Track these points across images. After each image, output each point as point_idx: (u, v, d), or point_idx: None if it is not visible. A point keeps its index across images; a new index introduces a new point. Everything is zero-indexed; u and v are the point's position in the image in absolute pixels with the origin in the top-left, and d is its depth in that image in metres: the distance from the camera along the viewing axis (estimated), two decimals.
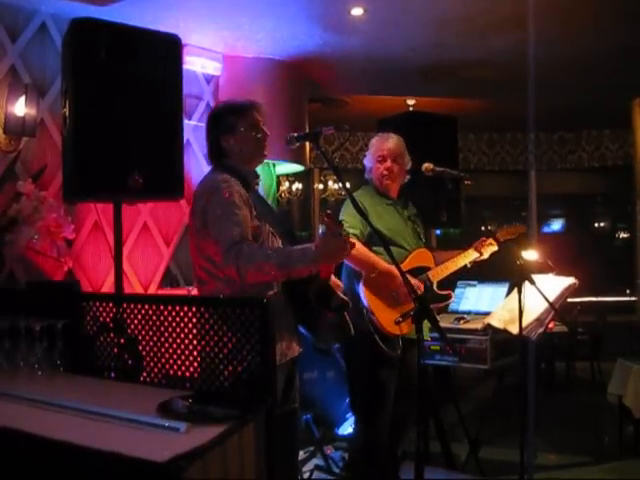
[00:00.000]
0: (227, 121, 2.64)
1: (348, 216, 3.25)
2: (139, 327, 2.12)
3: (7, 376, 2.13)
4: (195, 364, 1.99)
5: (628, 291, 8.39)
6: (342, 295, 2.59)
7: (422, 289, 3.35)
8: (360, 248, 3.15)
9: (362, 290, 3.24)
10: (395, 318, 3.21)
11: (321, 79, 5.80)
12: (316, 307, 2.50)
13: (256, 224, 2.49)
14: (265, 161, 2.87)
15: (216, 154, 2.67)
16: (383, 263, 3.23)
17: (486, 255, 3.57)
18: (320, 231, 2.48)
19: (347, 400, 4.32)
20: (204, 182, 2.60)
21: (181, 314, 2.01)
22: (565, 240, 9.28)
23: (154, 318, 2.07)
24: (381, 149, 3.50)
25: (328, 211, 2.34)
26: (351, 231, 3.20)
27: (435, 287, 3.48)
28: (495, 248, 3.55)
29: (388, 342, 3.26)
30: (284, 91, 5.10)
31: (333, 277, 2.69)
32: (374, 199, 3.46)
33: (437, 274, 3.47)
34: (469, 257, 3.57)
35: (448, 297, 3.55)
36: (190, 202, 2.60)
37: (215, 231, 2.40)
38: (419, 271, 3.39)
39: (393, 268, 3.10)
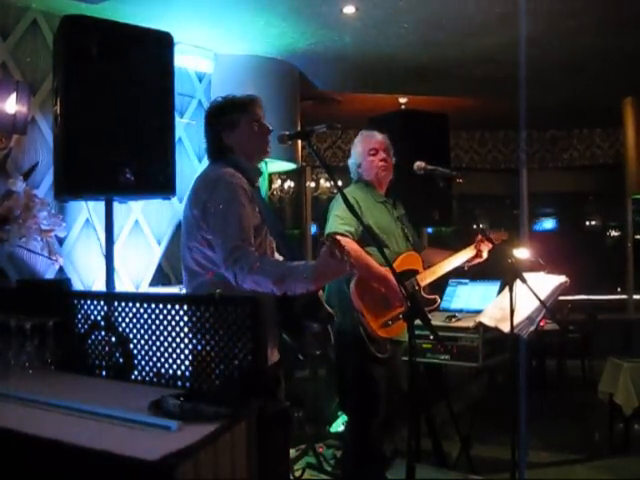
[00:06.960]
0: (229, 117, 2.58)
1: (342, 212, 3.18)
2: (130, 325, 2.11)
3: None
4: (187, 362, 1.98)
5: (619, 289, 8.44)
6: (328, 307, 2.54)
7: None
8: (356, 249, 3.12)
9: (353, 292, 3.19)
10: (384, 321, 3.21)
11: (313, 77, 5.79)
12: (302, 318, 2.43)
13: (258, 222, 2.45)
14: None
15: (217, 150, 2.60)
16: (378, 266, 3.18)
17: (485, 255, 3.56)
18: (322, 249, 2.40)
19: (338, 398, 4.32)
20: (205, 175, 2.54)
21: (172, 312, 2.01)
22: (556, 238, 9.29)
23: (145, 316, 2.07)
24: (371, 142, 3.48)
25: (327, 238, 2.28)
26: (345, 228, 3.17)
27: (422, 291, 3.44)
28: (489, 246, 3.55)
29: (376, 344, 3.23)
30: (276, 89, 5.09)
31: None
32: (367, 196, 3.41)
33: (425, 278, 3.45)
34: (462, 257, 3.56)
35: (434, 302, 3.51)
36: (181, 200, 2.57)
37: (216, 232, 2.37)
38: (407, 275, 3.33)
39: (387, 272, 3.05)
